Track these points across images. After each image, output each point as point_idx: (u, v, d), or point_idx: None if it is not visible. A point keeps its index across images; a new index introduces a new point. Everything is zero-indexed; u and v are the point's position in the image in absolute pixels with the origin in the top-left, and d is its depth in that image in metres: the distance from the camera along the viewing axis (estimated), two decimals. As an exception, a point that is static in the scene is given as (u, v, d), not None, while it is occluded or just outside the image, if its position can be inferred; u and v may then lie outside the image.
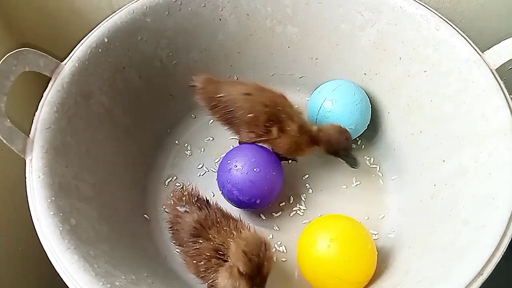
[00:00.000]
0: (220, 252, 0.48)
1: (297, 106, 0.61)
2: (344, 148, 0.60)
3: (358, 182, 0.66)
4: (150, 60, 0.63)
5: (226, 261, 0.47)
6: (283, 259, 0.59)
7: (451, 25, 0.55)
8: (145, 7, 0.59)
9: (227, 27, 0.65)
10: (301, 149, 0.59)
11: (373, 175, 0.66)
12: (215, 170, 0.66)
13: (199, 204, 0.53)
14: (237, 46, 0.68)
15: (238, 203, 0.59)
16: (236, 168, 0.57)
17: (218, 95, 0.59)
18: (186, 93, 0.69)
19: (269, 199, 0.60)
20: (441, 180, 0.55)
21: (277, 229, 0.62)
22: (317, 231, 0.54)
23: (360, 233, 0.54)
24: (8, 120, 0.48)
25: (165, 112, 0.69)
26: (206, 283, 0.50)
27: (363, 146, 0.69)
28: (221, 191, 0.60)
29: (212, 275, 0.48)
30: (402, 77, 0.61)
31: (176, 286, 0.56)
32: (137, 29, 0.60)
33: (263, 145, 0.60)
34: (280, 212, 0.63)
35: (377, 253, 0.54)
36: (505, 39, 0.51)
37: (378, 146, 0.68)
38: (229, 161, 0.59)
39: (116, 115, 0.61)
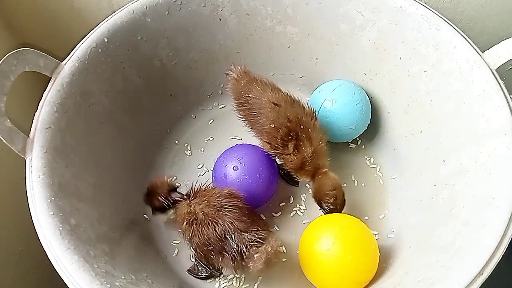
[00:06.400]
0: None
1: (322, 132, 0.58)
2: (328, 202, 0.56)
3: (358, 182, 0.66)
4: (150, 60, 0.63)
5: None
6: (283, 259, 0.59)
7: (451, 25, 0.54)
8: (145, 7, 0.59)
9: (227, 27, 0.65)
10: (299, 173, 0.58)
11: (373, 175, 0.66)
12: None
13: None
14: (237, 46, 0.68)
15: None
16: (224, 165, 0.58)
17: (247, 94, 0.57)
18: (186, 93, 0.70)
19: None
20: (441, 180, 0.55)
21: (277, 229, 0.62)
22: (321, 229, 0.54)
23: (364, 233, 0.54)
24: (8, 120, 0.48)
25: (165, 112, 0.69)
26: None
27: (363, 146, 0.69)
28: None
29: None
30: (402, 77, 0.61)
31: (176, 286, 0.56)
32: (137, 29, 0.60)
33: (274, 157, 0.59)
34: (280, 212, 0.63)
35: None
36: (505, 39, 0.51)
37: (378, 146, 0.68)
38: (220, 158, 0.60)
39: (116, 115, 0.61)
